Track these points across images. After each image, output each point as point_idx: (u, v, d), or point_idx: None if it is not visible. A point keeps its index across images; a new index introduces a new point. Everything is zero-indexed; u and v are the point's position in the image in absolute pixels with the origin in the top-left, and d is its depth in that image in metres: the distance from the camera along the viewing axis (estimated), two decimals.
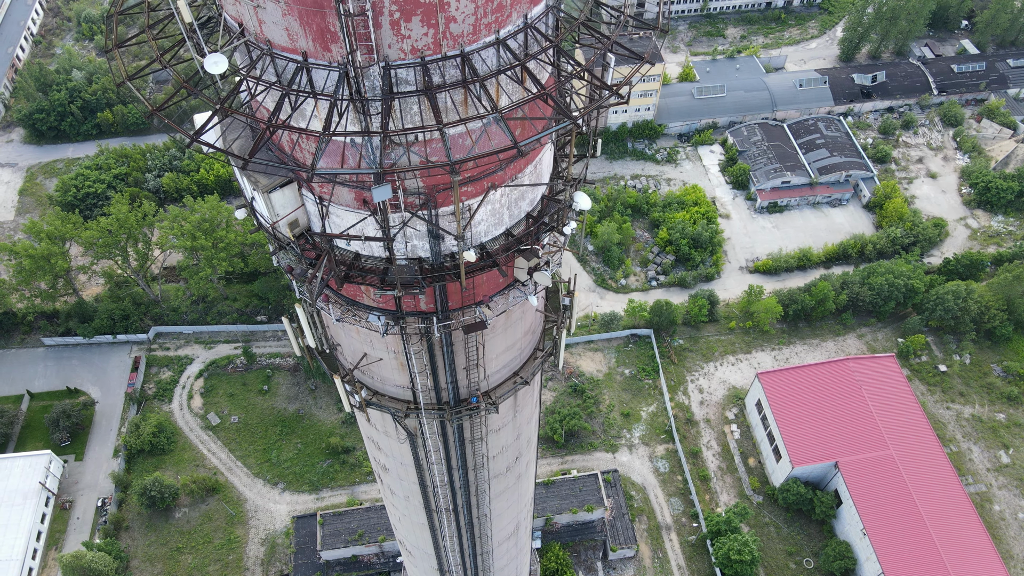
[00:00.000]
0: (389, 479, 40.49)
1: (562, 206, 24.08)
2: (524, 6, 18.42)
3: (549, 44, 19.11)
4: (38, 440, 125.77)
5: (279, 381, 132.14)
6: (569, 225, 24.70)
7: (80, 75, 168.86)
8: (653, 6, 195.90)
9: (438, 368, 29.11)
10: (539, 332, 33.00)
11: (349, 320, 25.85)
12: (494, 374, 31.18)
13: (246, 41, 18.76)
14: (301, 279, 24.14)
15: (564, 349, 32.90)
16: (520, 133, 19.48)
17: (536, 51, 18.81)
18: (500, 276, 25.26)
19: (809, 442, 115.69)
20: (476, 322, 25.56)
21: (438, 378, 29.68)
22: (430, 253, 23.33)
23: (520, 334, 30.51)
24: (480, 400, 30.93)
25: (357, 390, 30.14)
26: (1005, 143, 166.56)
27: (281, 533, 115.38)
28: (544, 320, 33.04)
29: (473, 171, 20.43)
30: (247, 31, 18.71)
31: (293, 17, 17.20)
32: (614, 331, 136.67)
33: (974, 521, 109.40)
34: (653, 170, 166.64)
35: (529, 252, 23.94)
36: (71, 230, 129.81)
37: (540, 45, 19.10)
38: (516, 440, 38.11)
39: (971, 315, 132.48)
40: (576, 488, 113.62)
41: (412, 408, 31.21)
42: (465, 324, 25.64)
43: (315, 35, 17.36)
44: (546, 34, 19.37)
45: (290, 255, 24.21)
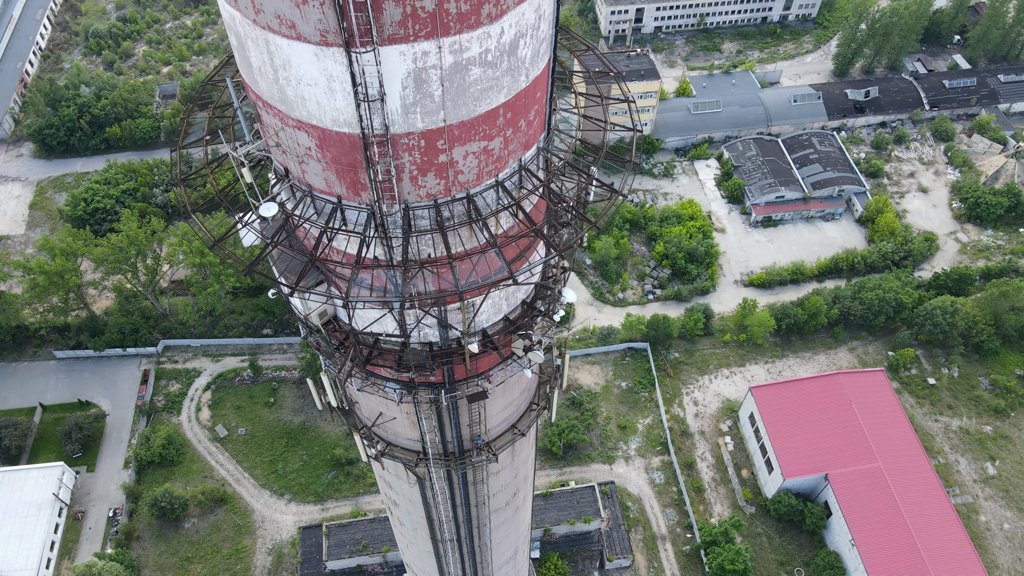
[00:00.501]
0: (399, 512, 44.11)
1: (553, 297, 27.66)
2: (519, 152, 21.98)
3: (540, 183, 22.67)
4: (50, 452, 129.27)
5: (285, 394, 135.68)
6: (559, 312, 28.27)
7: (89, 91, 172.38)
8: (651, 21, 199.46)
9: (445, 426, 32.70)
10: (534, 388, 36.61)
11: (368, 390, 29.44)
12: (494, 428, 34.77)
13: (291, 184, 22.28)
14: (329, 356, 27.71)
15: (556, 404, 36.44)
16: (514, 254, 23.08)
17: (528, 191, 22.35)
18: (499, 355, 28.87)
19: (800, 455, 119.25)
20: (478, 392, 29.15)
21: (445, 434, 33.27)
22: (439, 338, 26.91)
23: (517, 394, 34.13)
24: (482, 451, 34.53)
25: (373, 444, 33.74)
26: (995, 158, 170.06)
27: (287, 543, 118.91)
28: (539, 376, 36.60)
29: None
30: (291, 175, 22.24)
31: (331, 172, 20.79)
32: (611, 344, 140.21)
33: (959, 532, 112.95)
34: (650, 184, 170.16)
35: (524, 335, 27.52)
36: (82, 247, 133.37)
37: (532, 184, 22.67)
38: (514, 479, 41.73)
39: (959, 329, 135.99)
40: (574, 500, 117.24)
41: (421, 458, 34.81)
42: (469, 394, 29.23)
43: (348, 185, 20.96)
44: (536, 174, 22.92)
45: (319, 337, 27.80)
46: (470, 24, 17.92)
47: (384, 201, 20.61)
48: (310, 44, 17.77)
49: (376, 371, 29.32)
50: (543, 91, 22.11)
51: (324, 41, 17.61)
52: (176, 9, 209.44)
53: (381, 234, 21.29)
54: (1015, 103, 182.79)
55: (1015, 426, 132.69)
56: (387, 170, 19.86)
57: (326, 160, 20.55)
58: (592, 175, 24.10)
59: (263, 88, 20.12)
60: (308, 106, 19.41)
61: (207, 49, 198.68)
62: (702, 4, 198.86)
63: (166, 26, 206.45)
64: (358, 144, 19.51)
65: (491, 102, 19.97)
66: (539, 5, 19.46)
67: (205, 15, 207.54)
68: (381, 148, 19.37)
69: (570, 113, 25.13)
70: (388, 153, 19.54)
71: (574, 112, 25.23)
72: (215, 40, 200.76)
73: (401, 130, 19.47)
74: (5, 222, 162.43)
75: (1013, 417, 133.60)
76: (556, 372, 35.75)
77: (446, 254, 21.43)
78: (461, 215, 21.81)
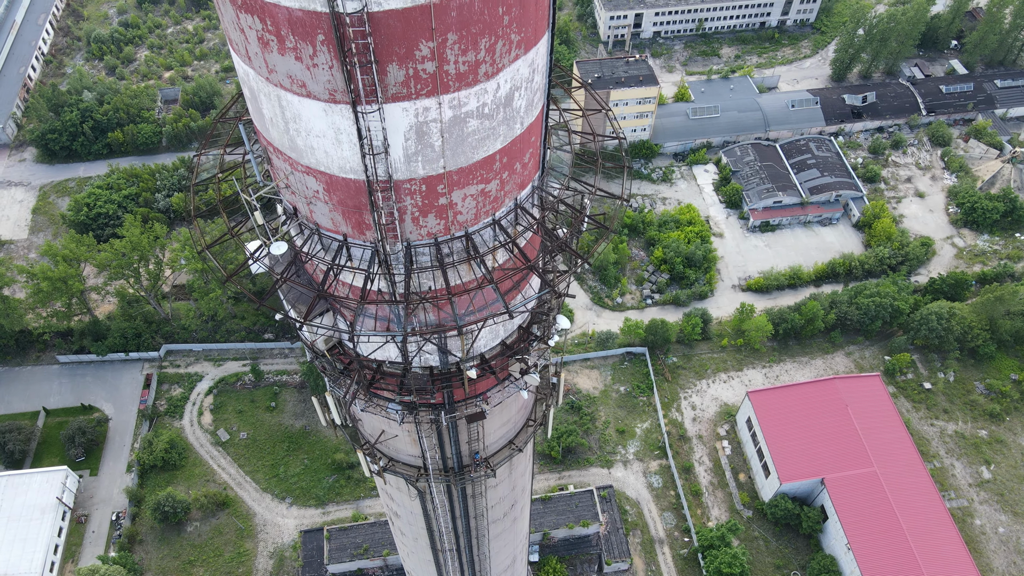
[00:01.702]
0: (400, 523, 45.33)
1: (548, 323, 28.87)
2: (514, 192, 23.21)
3: (534, 221, 23.88)
4: (54, 456, 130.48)
5: (286, 398, 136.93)
6: (553, 338, 29.48)
7: (91, 96, 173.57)
8: (650, 27, 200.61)
9: (445, 444, 33.91)
10: (531, 405, 37.82)
11: (371, 410, 30.65)
12: (492, 444, 35.98)
13: (299, 222, 23.50)
14: (334, 381, 28.93)
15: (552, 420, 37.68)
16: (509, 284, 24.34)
17: (524, 228, 23.58)
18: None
19: (797, 459, 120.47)
20: (477, 413, 30.36)
21: (445, 451, 34.47)
22: (439, 363, 28.12)
23: (514, 412, 35.34)
24: (480, 467, 35.74)
25: (376, 460, 34.95)
26: (991, 163, 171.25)
27: (289, 547, 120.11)
28: (536, 394, 37.81)
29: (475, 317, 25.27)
30: (300, 214, 23.46)
31: (337, 213, 22.01)
32: (610, 349, 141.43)
33: (954, 536, 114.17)
34: (649, 189, 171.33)
35: (520, 360, 28.74)
36: (86, 252, 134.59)
37: (527, 222, 23.89)
38: (512, 491, 42.95)
39: (955, 334, 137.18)
40: (572, 504, 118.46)
41: (422, 473, 36.01)
42: (468, 415, 30.45)
43: (353, 224, 22.18)
44: (531, 211, 24.14)
45: (324, 361, 29.01)
46: (468, 82, 19.13)
47: (387, 240, 21.80)
48: (319, 101, 18.99)
49: (379, 392, 30.51)
50: (537, 135, 23.31)
51: (332, 99, 18.82)
52: (177, 14, 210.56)
53: (384, 271, 22.48)
54: (1011, 108, 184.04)
55: (1010, 430, 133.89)
56: (390, 212, 21.07)
57: (333, 202, 21.76)
58: (585, 211, 25.24)
59: (274, 136, 21.32)
60: (316, 155, 20.62)
61: (208, 54, 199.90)
62: (701, 9, 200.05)
63: (167, 31, 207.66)
64: (363, 189, 20.72)
65: (488, 149, 21.17)
66: (532, 60, 20.65)
67: (206, 20, 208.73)
68: (385, 193, 20.58)
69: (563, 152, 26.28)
70: (391, 197, 20.76)
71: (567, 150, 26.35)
72: (216, 45, 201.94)
73: (403, 176, 20.68)
74: (8, 227, 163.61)
75: (1008, 421, 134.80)
76: (552, 389, 36.95)
77: (445, 288, 22.62)
78: (460, 251, 23.01)
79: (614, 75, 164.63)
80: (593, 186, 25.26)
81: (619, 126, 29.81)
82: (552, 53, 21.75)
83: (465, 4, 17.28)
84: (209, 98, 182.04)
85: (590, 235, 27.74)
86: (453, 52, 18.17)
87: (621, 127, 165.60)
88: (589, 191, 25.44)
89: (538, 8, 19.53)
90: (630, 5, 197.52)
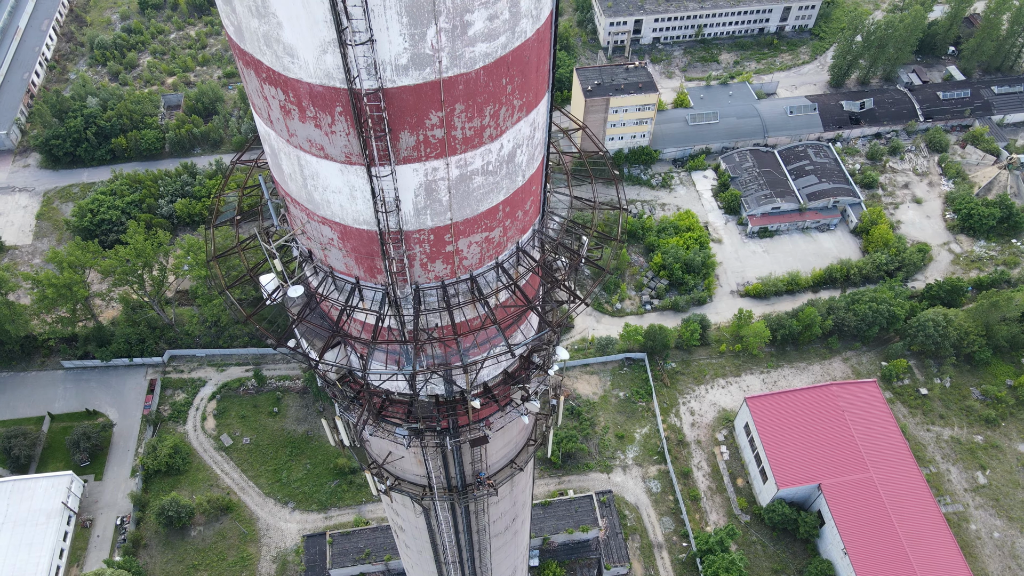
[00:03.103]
0: (405, 537, 46.72)
1: (548, 353, 30.25)
2: (516, 236, 24.62)
3: (535, 263, 25.27)
4: (59, 460, 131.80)
5: (288, 403, 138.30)
6: (553, 367, 30.85)
7: (95, 102, 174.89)
8: (650, 32, 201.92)
9: (449, 465, 35.29)
10: (531, 426, 39.19)
11: (379, 434, 32.03)
12: (494, 464, 37.37)
13: (315, 265, 24.89)
14: (345, 409, 30.32)
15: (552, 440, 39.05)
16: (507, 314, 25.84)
17: (526, 270, 24.95)
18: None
19: (794, 464, 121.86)
20: (480, 437, 31.74)
21: (449, 471, 35.84)
22: (445, 391, 29.49)
23: (515, 433, 36.74)
24: (483, 486, 37.10)
25: (383, 480, 36.33)
26: (988, 169, 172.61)
27: (292, 551, 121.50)
28: (536, 415, 39.13)
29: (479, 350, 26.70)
30: (315, 257, 24.85)
31: (351, 258, 23.41)
32: (609, 355, 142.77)
33: (949, 541, 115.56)
34: (648, 195, 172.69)
35: (520, 388, 30.13)
36: (91, 259, 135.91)
37: (528, 264, 25.27)
38: (513, 506, 44.33)
39: (951, 340, 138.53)
40: (572, 509, 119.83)
41: (427, 492, 37.39)
42: (471, 439, 31.81)
43: (366, 269, 23.56)
44: (531, 253, 25.52)
45: (335, 389, 30.39)
46: (474, 144, 20.49)
47: (397, 283, 23.18)
48: (336, 162, 20.36)
49: (387, 418, 31.87)
50: (538, 184, 24.69)
51: (348, 161, 20.19)
52: (180, 20, 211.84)
53: (395, 312, 23.85)
54: (1008, 114, 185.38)
55: (1005, 436, 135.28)
56: (400, 259, 22.45)
57: (347, 249, 23.15)
58: (581, 254, 26.61)
59: (292, 189, 22.68)
60: (332, 207, 21.98)
61: (211, 59, 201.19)
62: (700, 15, 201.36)
63: (170, 37, 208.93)
64: (376, 239, 22.08)
65: (492, 201, 22.56)
66: (534, 119, 22.02)
67: (209, 26, 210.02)
68: (396, 243, 21.96)
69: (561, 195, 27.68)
70: (402, 246, 22.15)
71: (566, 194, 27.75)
72: (219, 51, 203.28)
73: (413, 228, 22.06)
74: (13, 232, 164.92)
75: (1004, 427, 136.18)
76: (552, 411, 38.31)
77: (451, 325, 23.98)
78: (465, 292, 24.40)
79: (613, 82, 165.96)
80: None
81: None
82: (551, 109, 23.10)
83: (472, 78, 18.64)
84: (212, 104, 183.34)
85: (591, 242, 29.10)
86: (460, 120, 19.55)
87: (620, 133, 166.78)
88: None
89: (539, 75, 20.90)
90: (630, 11, 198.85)
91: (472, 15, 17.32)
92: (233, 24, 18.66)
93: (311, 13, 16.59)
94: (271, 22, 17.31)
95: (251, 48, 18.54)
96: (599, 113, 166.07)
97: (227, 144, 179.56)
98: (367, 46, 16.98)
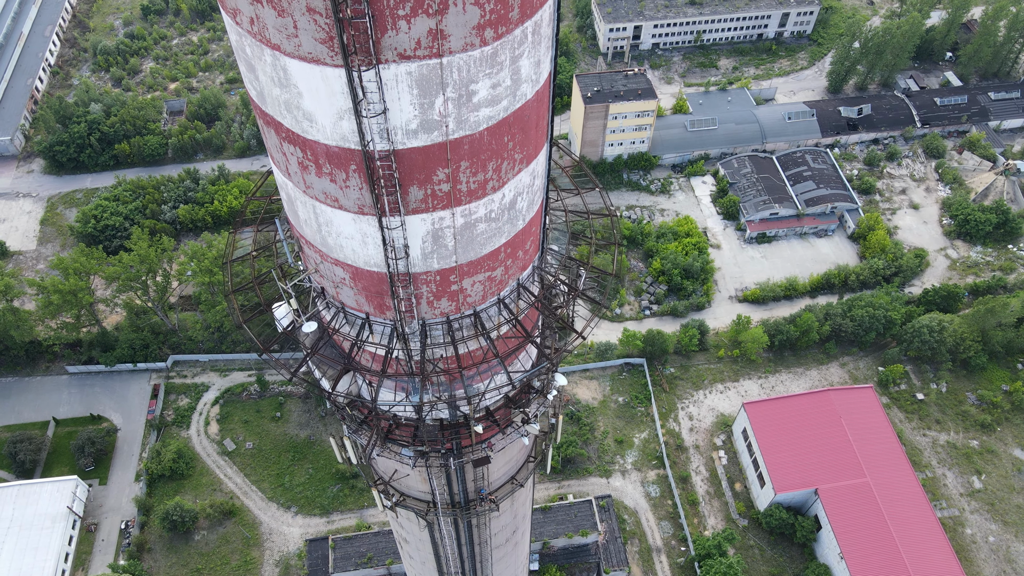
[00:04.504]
0: (409, 548, 48.11)
1: (547, 380, 31.64)
2: (517, 273, 26.02)
3: (535, 298, 26.67)
4: (63, 465, 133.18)
5: (291, 408, 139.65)
6: (552, 392, 32.26)
7: (98, 108, 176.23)
8: (649, 38, 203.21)
9: (452, 483, 36.69)
10: (531, 444, 40.58)
11: (386, 455, 33.42)
12: (495, 481, 38.75)
13: (327, 301, 26.29)
14: (354, 432, 31.72)
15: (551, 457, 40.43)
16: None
17: (526, 305, 26.35)
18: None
19: (791, 469, 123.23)
20: (482, 457, 33.13)
21: (452, 488, 37.24)
22: (449, 416, 30.89)
23: (515, 452, 38.12)
24: (485, 502, 38.50)
25: (389, 497, 37.73)
26: (985, 175, 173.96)
27: (294, 555, 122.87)
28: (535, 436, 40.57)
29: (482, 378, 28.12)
30: (327, 293, 26.25)
31: (361, 296, 24.82)
32: (609, 360, 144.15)
33: (944, 545, 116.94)
34: (647, 201, 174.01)
35: (520, 412, 31.52)
36: (95, 266, 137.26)
37: (528, 299, 26.67)
38: (513, 519, 45.72)
39: (947, 346, 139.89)
40: (572, 513, 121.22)
41: (431, 508, 38.77)
42: (474, 459, 33.19)
43: (375, 306, 24.99)
44: (531, 288, 26.91)
45: (344, 413, 31.80)
46: (477, 196, 21.91)
47: (405, 319, 24.57)
48: (349, 212, 21.78)
49: (394, 439, 33.26)
50: (537, 225, 26.10)
51: (361, 212, 21.60)
52: (183, 25, 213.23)
53: (403, 346, 25.25)
54: (1005, 120, 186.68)
55: (1001, 440, 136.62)
56: (408, 298, 23.87)
57: (358, 288, 24.57)
58: (578, 289, 27.97)
59: (307, 233, 24.10)
60: (344, 251, 23.39)
61: (213, 65, 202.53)
62: (699, 21, 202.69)
63: (173, 42, 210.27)
64: (385, 280, 23.49)
65: (494, 244, 23.97)
66: (534, 169, 23.42)
67: (211, 31, 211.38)
68: (404, 283, 23.37)
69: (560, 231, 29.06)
70: (409, 286, 23.57)
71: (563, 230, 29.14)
72: (221, 56, 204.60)
73: (420, 270, 23.47)
74: (17, 237, 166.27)
75: (999, 432, 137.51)
76: (551, 428, 39.68)
77: (455, 357, 25.38)
78: (469, 327, 25.80)
79: (613, 89, 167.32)
80: (587, 264, 27.99)
81: (610, 202, 32.49)
82: (550, 158, 24.49)
83: (476, 139, 20.03)
84: (214, 109, 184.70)
85: (588, 247, 30.46)
86: (465, 175, 20.95)
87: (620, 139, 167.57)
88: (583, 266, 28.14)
89: (538, 131, 22.29)
90: (629, 17, 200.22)
91: (477, 85, 18.69)
92: (256, 89, 20.01)
93: (329, 86, 17.97)
94: (292, 92, 18.69)
95: (272, 111, 19.91)
96: (599, 119, 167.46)
97: (229, 150, 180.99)
98: (381, 116, 18.38)
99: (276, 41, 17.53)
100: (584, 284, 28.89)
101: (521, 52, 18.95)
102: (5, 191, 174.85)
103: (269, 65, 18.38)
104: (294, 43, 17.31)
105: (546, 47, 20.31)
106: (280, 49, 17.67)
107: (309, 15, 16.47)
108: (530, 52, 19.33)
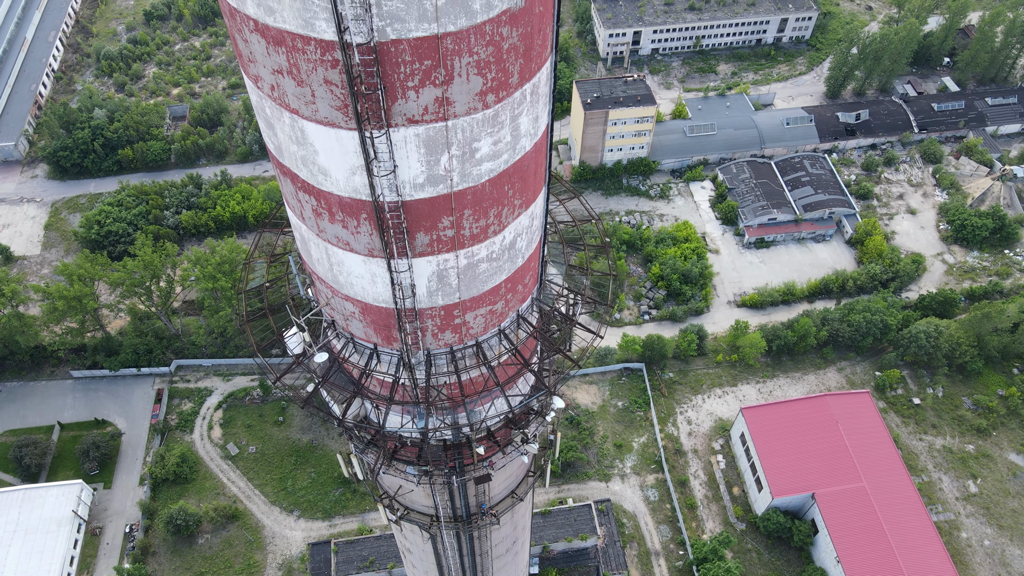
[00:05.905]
0: (412, 558, 49.53)
1: (545, 402, 33.06)
2: (516, 305, 27.45)
3: (533, 329, 28.10)
4: (68, 469, 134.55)
5: (293, 412, 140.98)
6: (550, 414, 33.68)
7: (101, 113, 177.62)
8: (649, 44, 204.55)
9: (455, 498, 38.09)
10: (531, 461, 41.94)
11: (392, 473, 34.87)
12: (496, 495, 40.17)
13: (337, 332, 27.72)
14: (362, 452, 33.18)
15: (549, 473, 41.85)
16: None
17: (526, 335, 27.76)
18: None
19: (788, 474, 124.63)
20: (483, 475, 34.54)
21: (455, 503, 38.65)
22: (452, 437, 32.29)
23: (515, 468, 39.54)
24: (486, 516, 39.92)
25: (394, 511, 39.16)
26: (982, 180, 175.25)
27: (297, 558, 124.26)
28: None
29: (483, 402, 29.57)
30: (337, 325, 27.67)
31: (370, 328, 26.28)
32: (608, 364, 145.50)
33: (939, 549, 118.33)
34: (647, 206, 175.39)
35: (520, 431, 32.95)
36: (100, 272, 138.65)
37: (527, 329, 28.10)
38: (513, 531, 47.13)
39: (943, 351, 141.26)
40: (571, 517, 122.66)
41: (434, 522, 40.20)
42: (476, 477, 34.61)
43: (383, 337, 26.44)
44: (529, 319, 28.34)
45: (352, 434, 33.23)
46: (480, 239, 23.35)
47: (411, 350, 26.01)
48: (360, 255, 23.21)
49: (399, 457, 34.70)
50: (536, 261, 27.56)
51: (371, 254, 23.05)
52: (185, 31, 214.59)
53: (409, 375, 26.66)
54: (1002, 126, 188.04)
55: (997, 445, 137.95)
56: (414, 331, 25.30)
57: (367, 321, 26.02)
58: (575, 319, 29.36)
59: (319, 270, 25.56)
60: (355, 288, 24.84)
61: (215, 71, 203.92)
62: (698, 27, 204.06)
63: (175, 47, 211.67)
64: (392, 315, 24.93)
65: (495, 281, 25.42)
66: (532, 212, 24.86)
67: (213, 37, 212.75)
68: (410, 318, 24.80)
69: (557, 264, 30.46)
70: (416, 321, 25.00)
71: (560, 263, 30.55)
72: (223, 62, 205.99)
73: (425, 306, 24.91)
74: (21, 242, 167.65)
75: (995, 436, 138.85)
76: (550, 444, 41.08)
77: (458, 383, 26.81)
78: (471, 356, 27.25)
79: (612, 95, 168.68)
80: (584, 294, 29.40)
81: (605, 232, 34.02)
82: (548, 199, 25.94)
83: (478, 189, 21.45)
84: (217, 115, 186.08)
85: (588, 253, 31.96)
86: (468, 221, 22.39)
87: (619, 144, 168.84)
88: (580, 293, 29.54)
89: (536, 177, 23.70)
90: (629, 23, 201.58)
91: (479, 142, 20.11)
92: (274, 143, 21.43)
93: (343, 146, 19.38)
94: (308, 149, 20.11)
95: (288, 164, 21.33)
96: (598, 125, 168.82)
97: (232, 155, 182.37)
98: (391, 174, 19.82)
99: (295, 106, 18.92)
100: (584, 297, 30.27)
101: (520, 111, 20.34)
102: (9, 196, 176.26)
103: (287, 126, 19.77)
104: (311, 108, 18.70)
105: (544, 103, 21.72)
106: (298, 113, 19.06)
107: (326, 86, 17.85)
108: (528, 110, 20.73)
